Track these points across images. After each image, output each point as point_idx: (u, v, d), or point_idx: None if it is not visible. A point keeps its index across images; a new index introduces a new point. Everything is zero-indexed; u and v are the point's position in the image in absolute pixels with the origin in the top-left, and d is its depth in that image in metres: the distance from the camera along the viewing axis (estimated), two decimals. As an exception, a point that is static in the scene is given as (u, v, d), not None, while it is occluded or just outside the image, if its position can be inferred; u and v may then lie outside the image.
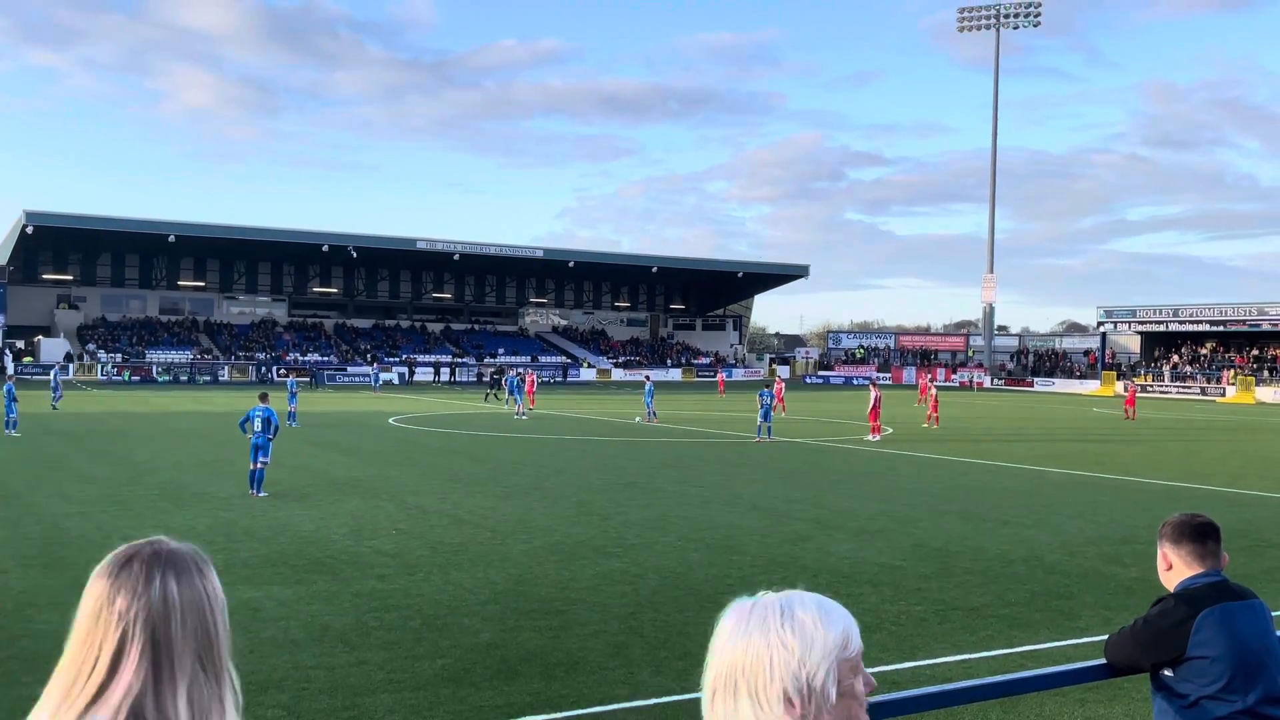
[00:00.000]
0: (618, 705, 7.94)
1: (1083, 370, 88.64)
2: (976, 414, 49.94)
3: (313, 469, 22.75)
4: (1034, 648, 9.78)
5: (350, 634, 9.74)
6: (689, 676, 8.63)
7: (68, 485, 19.49)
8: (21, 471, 21.43)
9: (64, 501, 17.54)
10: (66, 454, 25.04)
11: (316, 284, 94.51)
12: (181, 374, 75.03)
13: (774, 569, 13.01)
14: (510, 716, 7.66)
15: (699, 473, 23.41)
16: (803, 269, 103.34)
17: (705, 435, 34.39)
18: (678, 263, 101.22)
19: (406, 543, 14.32)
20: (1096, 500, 20.04)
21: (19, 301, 79.93)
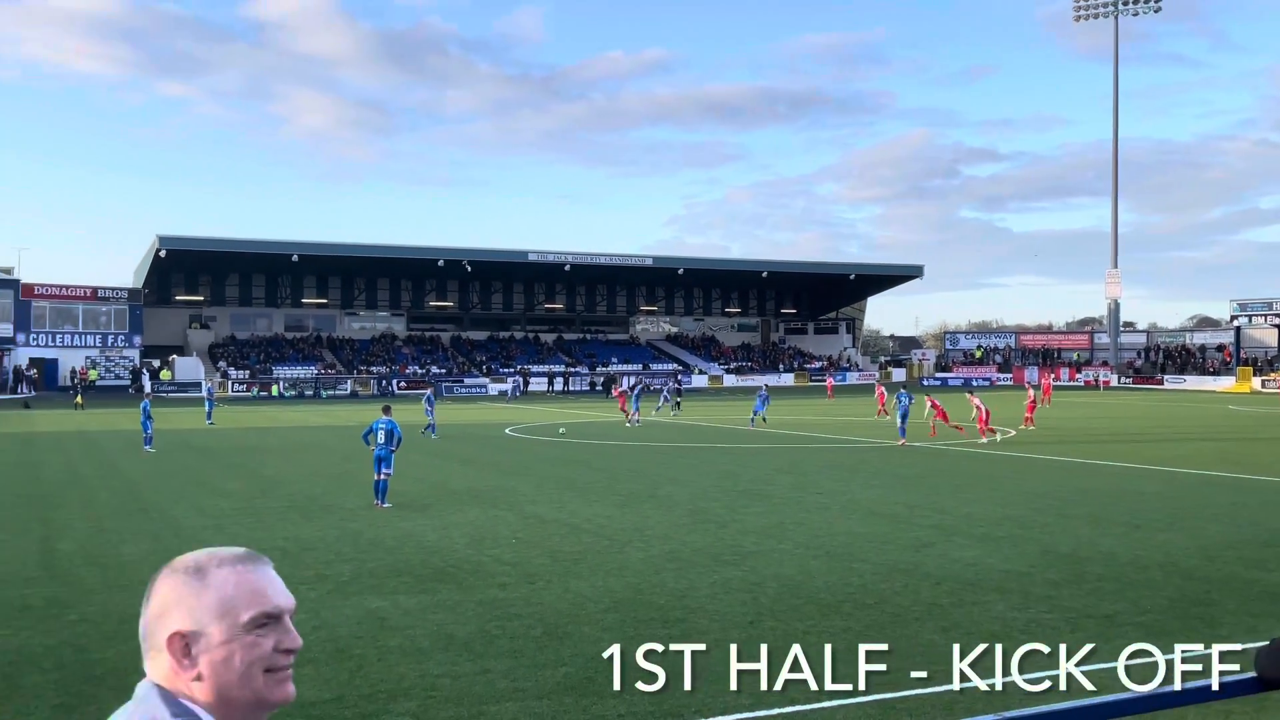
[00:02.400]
0: (742, 714, 7.90)
1: (1216, 366, 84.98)
2: (1102, 414, 48.32)
3: (433, 480, 23.23)
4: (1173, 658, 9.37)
5: (474, 642, 9.90)
6: (812, 686, 8.54)
7: (203, 499, 20.28)
8: (160, 486, 22.39)
9: (200, 514, 18.26)
10: (201, 468, 26.07)
11: (433, 298, 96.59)
12: (306, 389, 77.47)
13: (895, 576, 12.78)
14: (633, 726, 7.67)
15: (815, 478, 23.17)
16: (917, 269, 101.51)
17: (819, 440, 34.02)
18: (788, 266, 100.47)
19: (526, 552, 14.50)
20: (1236, 502, 19.17)
21: (154, 322, 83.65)
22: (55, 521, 17.47)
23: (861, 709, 8.03)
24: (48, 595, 11.91)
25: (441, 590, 12.12)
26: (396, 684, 8.62)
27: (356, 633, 10.24)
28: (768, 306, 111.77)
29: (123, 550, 14.76)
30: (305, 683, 8.63)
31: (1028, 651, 10.10)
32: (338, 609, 11.20)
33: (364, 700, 8.22)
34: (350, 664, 9.20)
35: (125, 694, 7.28)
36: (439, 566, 13.50)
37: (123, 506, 19.26)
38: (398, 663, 9.24)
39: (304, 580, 12.62)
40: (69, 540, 15.63)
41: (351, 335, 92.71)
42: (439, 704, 8.15)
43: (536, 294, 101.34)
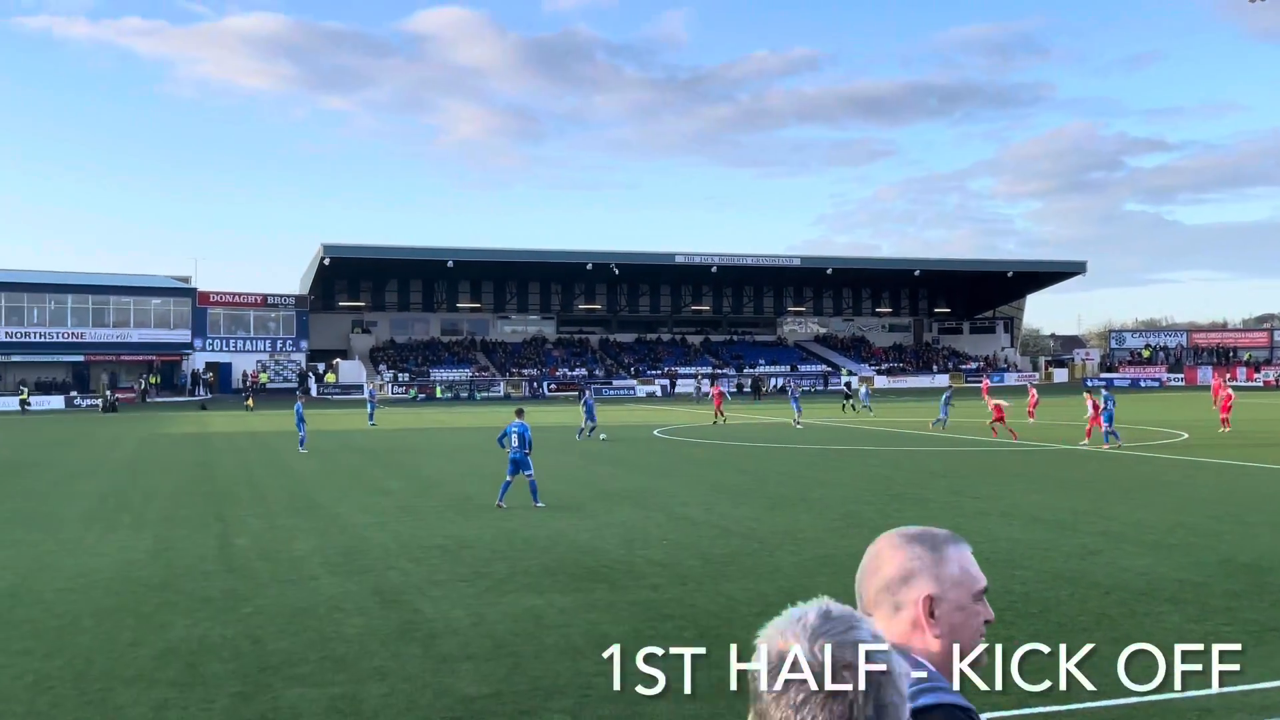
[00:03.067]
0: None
1: None
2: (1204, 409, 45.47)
3: (584, 480, 23.54)
4: (1372, 677, 8.74)
5: (629, 643, 9.94)
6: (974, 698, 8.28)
7: (366, 497, 21.05)
8: (326, 484, 23.35)
9: (363, 512, 18.96)
10: (364, 468, 27.08)
11: (582, 301, 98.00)
12: (461, 391, 79.65)
13: (1060, 584, 12.29)
14: (789, 731, 7.59)
15: (972, 483, 22.52)
16: (1079, 265, 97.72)
17: (976, 443, 33.04)
18: (942, 264, 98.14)
19: (677, 553, 14.53)
20: None
21: (319, 328, 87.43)
22: (231, 518, 18.42)
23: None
24: (225, 588, 12.55)
25: (595, 590, 12.25)
26: (553, 681, 8.76)
27: (514, 630, 10.45)
28: (920, 306, 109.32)
29: (294, 546, 15.44)
30: (465, 678, 8.86)
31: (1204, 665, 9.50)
32: (496, 606, 11.45)
33: (522, 696, 8.37)
34: (508, 661, 9.38)
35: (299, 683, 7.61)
36: (592, 566, 13.65)
37: (292, 504, 20.16)
38: (554, 660, 9.38)
39: (463, 578, 12.95)
40: (244, 535, 16.45)
41: (503, 338, 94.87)
42: (594, 702, 8.23)
43: (683, 296, 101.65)
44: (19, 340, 75.36)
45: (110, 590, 12.48)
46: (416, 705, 8.15)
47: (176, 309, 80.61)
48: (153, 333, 79.45)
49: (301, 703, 8.20)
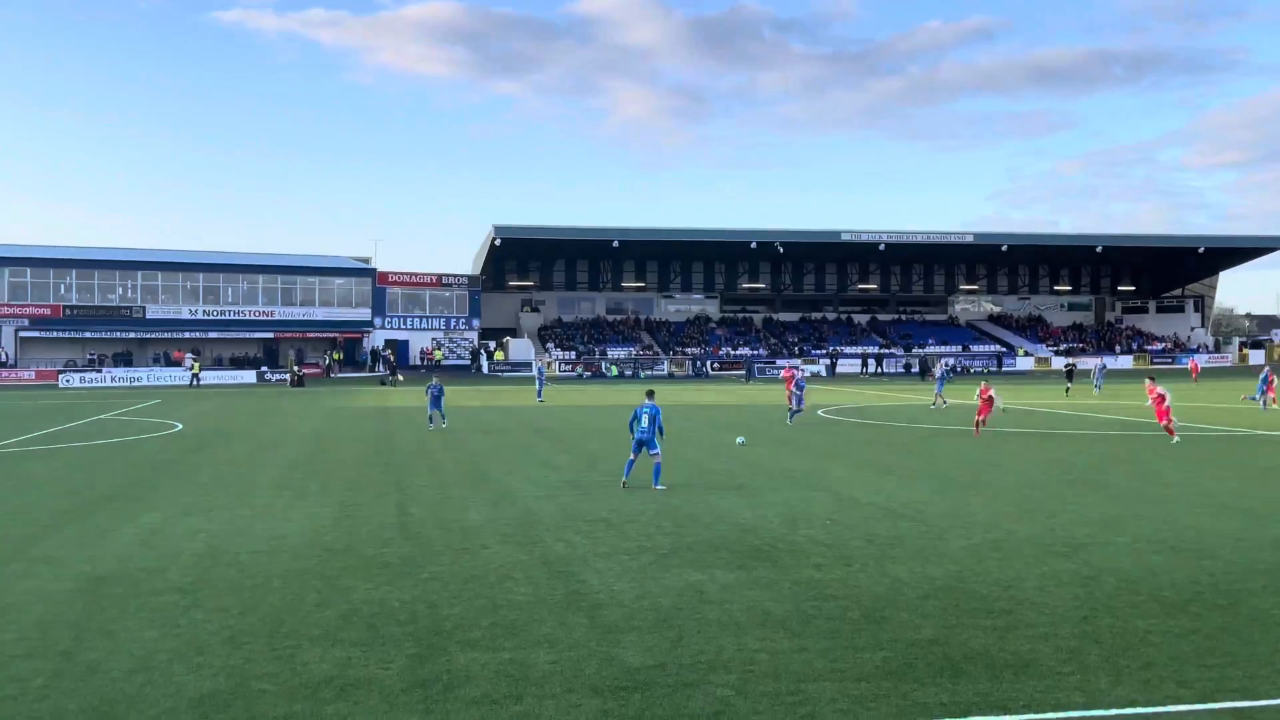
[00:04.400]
0: (1074, 713, 7.46)
1: None
2: None
3: (747, 459, 23.51)
4: None
5: (790, 621, 9.94)
6: (1155, 688, 7.94)
7: (534, 471, 21.60)
8: (497, 458, 24.06)
9: (532, 485, 19.46)
10: (533, 444, 27.76)
11: (745, 280, 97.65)
12: (626, 369, 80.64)
13: (1253, 576, 11.61)
14: (956, 716, 7.44)
15: (1158, 468, 21.45)
16: (1276, 240, 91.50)
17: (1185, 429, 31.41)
18: (1126, 240, 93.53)
19: (841, 534, 14.39)
20: None
21: (490, 307, 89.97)
22: (408, 488, 19.20)
23: (1214, 716, 7.37)
24: (403, 554, 13.11)
25: (757, 568, 12.25)
26: (716, 655, 8.82)
27: (677, 604, 10.56)
28: (1102, 284, 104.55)
29: (467, 516, 15.99)
30: (630, 649, 9.01)
31: None
32: (659, 580, 11.59)
33: (685, 669, 8.46)
34: (672, 634, 9.50)
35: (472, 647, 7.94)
36: (754, 544, 13.65)
37: (465, 476, 20.87)
38: (716, 635, 9.44)
39: (627, 551, 13.16)
40: (420, 505, 17.13)
41: (667, 317, 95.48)
42: (757, 678, 8.25)
43: (849, 274, 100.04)
44: (216, 318, 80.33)
45: (298, 554, 13.21)
46: (582, 673, 8.35)
47: (358, 288, 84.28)
48: (336, 311, 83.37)
49: (473, 666, 8.51)
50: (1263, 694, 7.82)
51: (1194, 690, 7.92)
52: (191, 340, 79.97)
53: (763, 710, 7.54)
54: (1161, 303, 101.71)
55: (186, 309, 79.82)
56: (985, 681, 8.16)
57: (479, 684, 8.09)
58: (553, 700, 7.74)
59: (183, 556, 13.11)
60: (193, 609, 10.50)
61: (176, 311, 79.51)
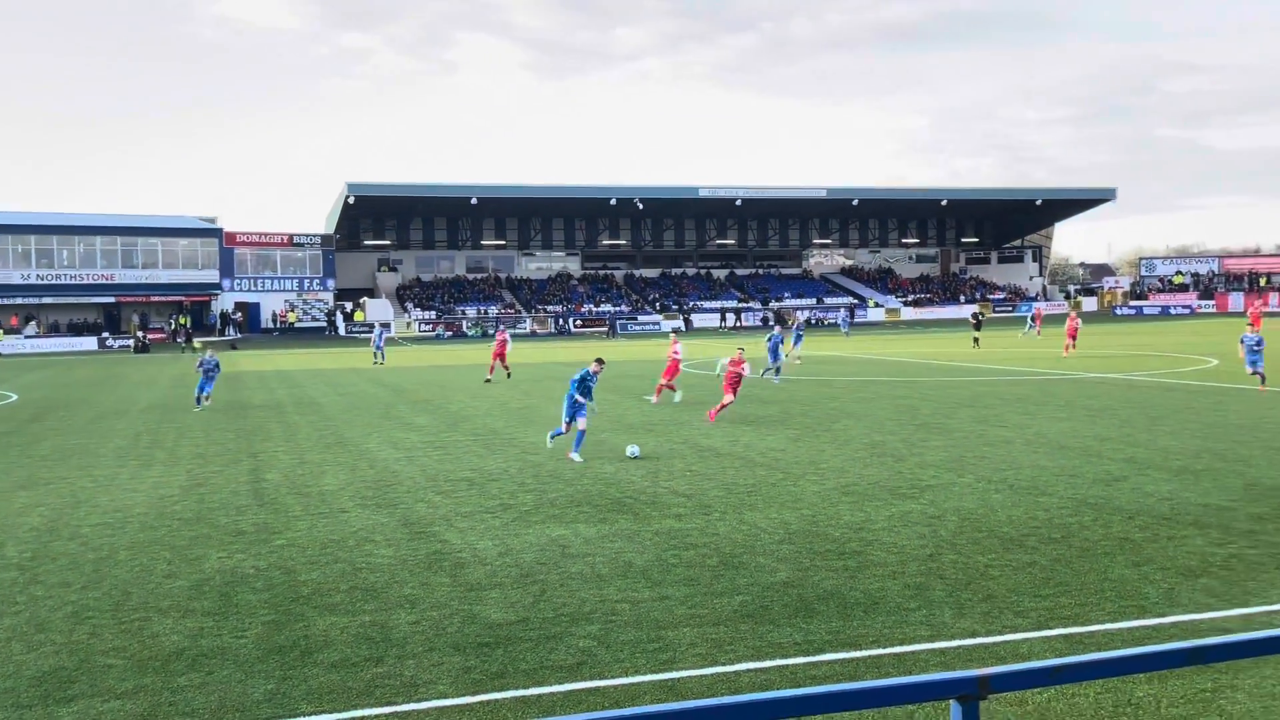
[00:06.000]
0: (919, 646, 7.82)
1: None
2: None
3: (611, 414, 23.66)
4: (1395, 597, 8.75)
5: (652, 570, 10.11)
6: (994, 619, 8.37)
7: (395, 433, 21.29)
8: (355, 421, 23.61)
9: (392, 447, 19.18)
10: (392, 404, 27.33)
11: (606, 237, 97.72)
12: (489, 328, 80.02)
13: (1084, 510, 12.33)
14: (809, 654, 7.71)
15: (999, 412, 22.48)
16: (1108, 192, 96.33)
17: (1005, 373, 32.91)
18: (969, 193, 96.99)
19: (700, 484, 14.66)
20: None
21: (346, 267, 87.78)
22: (262, 454, 18.69)
23: (1047, 643, 7.82)
24: (258, 522, 12.79)
25: (620, 520, 12.40)
26: (578, 608, 8.91)
27: (540, 559, 10.61)
28: (947, 236, 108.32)
29: (323, 481, 15.68)
30: (493, 606, 9.03)
31: (1228, 586, 9.64)
32: (522, 536, 11.62)
33: (548, 623, 8.52)
34: (535, 589, 9.55)
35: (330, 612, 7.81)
36: (616, 498, 13.80)
37: (321, 440, 20.42)
38: (579, 588, 9.53)
39: (490, 510, 13.13)
40: (275, 471, 16.71)
41: (529, 275, 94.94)
42: (619, 627, 8.38)
43: (708, 230, 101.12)
44: (50, 283, 76.12)
45: (145, 525, 12.75)
46: (445, 632, 8.33)
47: (204, 250, 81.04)
48: (181, 273, 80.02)
49: (332, 631, 8.39)
50: (1092, 620, 8.33)
51: (1030, 619, 8.39)
52: (25, 306, 75.70)
53: (624, 659, 7.67)
54: (1002, 253, 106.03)
55: (18, 273, 75.41)
56: (837, 620, 8.47)
57: (338, 648, 7.99)
58: (414, 660, 7.71)
59: (20, 531, 12.51)
60: (32, 585, 10.05)
61: (7, 276, 75.05)
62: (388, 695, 7.07)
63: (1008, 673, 2.73)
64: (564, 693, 7.07)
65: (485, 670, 7.49)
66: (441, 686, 7.20)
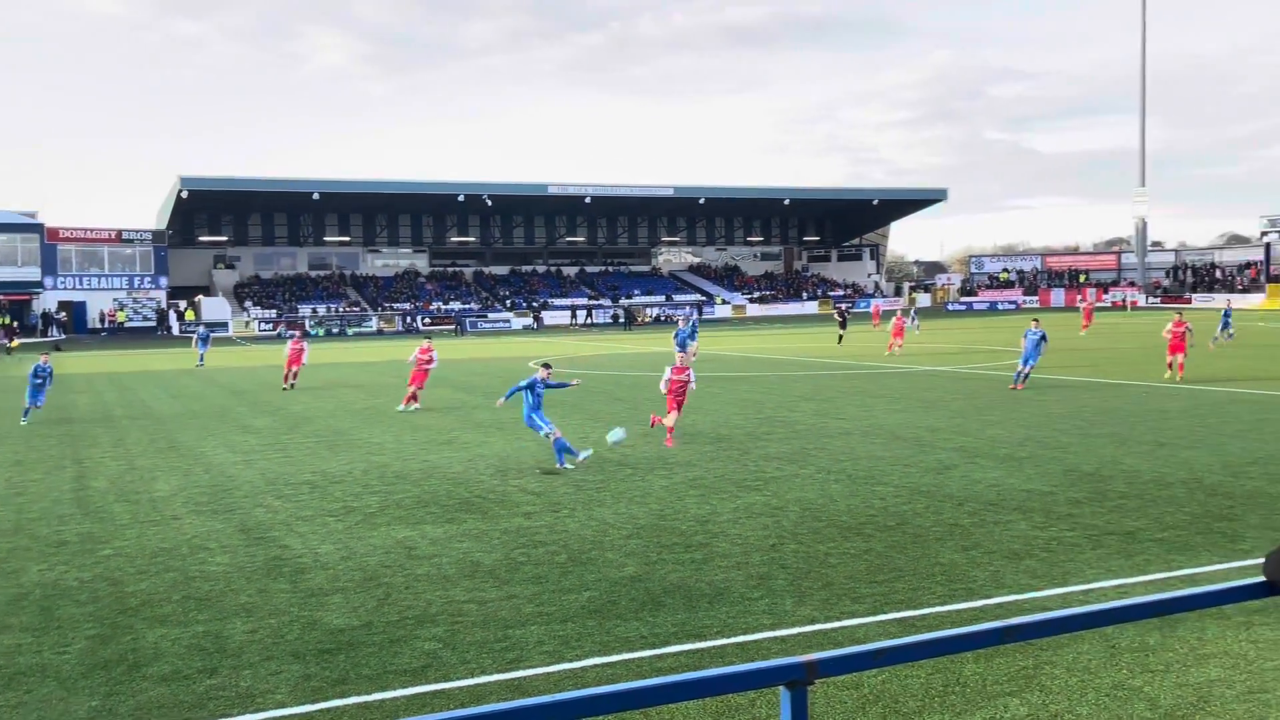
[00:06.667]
0: (762, 634, 8.00)
1: (1245, 284, 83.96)
2: (1129, 334, 47.92)
3: (460, 412, 23.41)
4: (1194, 571, 9.42)
5: (500, 569, 10.05)
6: (833, 606, 8.63)
7: (231, 435, 20.54)
8: (189, 424, 22.67)
9: (228, 450, 18.50)
10: (229, 407, 26.36)
11: (454, 234, 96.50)
12: (332, 326, 77.96)
13: (917, 498, 12.84)
14: (655, 646, 7.79)
15: (838, 404, 23.18)
16: (940, 192, 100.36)
17: (845, 367, 33.95)
18: (810, 193, 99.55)
19: (550, 481, 14.64)
20: (1261, 418, 19.07)
21: (180, 264, 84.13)
22: (88, 460, 17.76)
23: (882, 626, 8.11)
24: (82, 531, 12.15)
25: (468, 520, 12.28)
26: (424, 610, 8.78)
27: (385, 562, 10.41)
28: (790, 234, 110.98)
29: (154, 487, 15.01)
30: (334, 611, 8.81)
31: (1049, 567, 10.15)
32: (366, 539, 11.37)
33: (392, 626, 8.37)
34: (379, 592, 9.36)
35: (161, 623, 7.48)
36: (465, 497, 13.66)
37: (152, 445, 19.54)
38: (425, 590, 9.39)
39: (332, 513, 12.81)
40: (101, 478, 15.90)
41: (375, 272, 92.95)
42: (465, 628, 8.30)
43: (558, 227, 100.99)
44: None
45: (-44, 538, 11.95)
46: (283, 639, 8.09)
47: (24, 246, 76.42)
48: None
49: (163, 643, 8.04)
50: (923, 603, 8.68)
51: (866, 605, 8.68)
52: None
53: (470, 660, 7.60)
54: (842, 251, 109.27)
55: None
56: (683, 612, 8.59)
57: (169, 660, 7.67)
58: (250, 670, 7.46)
59: None
60: None
61: None
62: (222, 707, 6.82)
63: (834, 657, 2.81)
64: (408, 696, 6.96)
65: (326, 677, 7.30)
66: (279, 696, 6.99)
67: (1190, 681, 6.83)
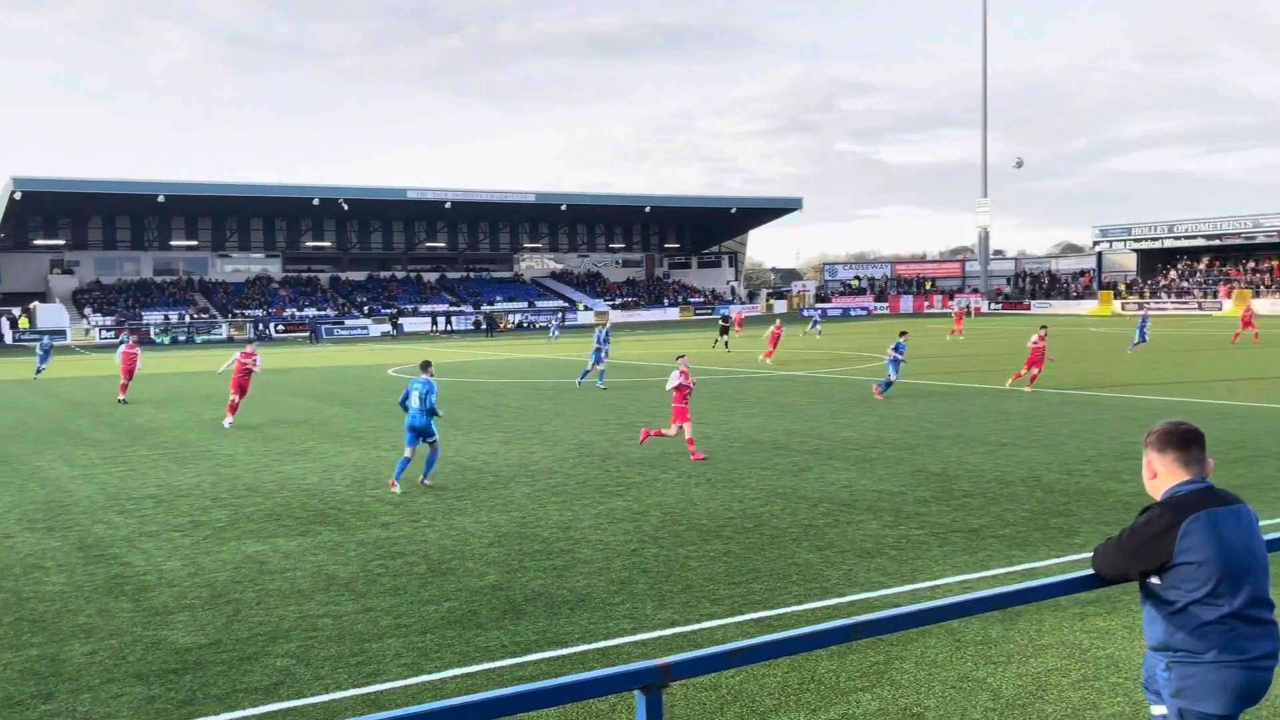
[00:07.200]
0: (623, 639, 8.04)
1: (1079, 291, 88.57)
2: (974, 339, 49.97)
3: (315, 422, 22.83)
4: (1033, 565, 9.88)
5: (356, 582, 9.84)
6: (692, 608, 8.74)
7: (70, 449, 19.55)
8: (23, 437, 21.49)
9: (67, 464, 17.61)
10: (67, 419, 25.09)
11: (309, 238, 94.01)
12: (179, 334, 75.02)
13: (774, 500, 13.11)
14: (516, 655, 7.75)
15: (699, 409, 23.45)
16: (796, 202, 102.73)
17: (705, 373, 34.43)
18: (670, 201, 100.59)
19: (409, 490, 14.40)
20: (1094, 419, 20.14)
21: (12, 268, 79.70)
22: (-92, 478, 16.65)
23: (740, 627, 8.25)
24: (-98, 554, 11.38)
25: (323, 532, 11.98)
26: (276, 626, 8.53)
27: (234, 577, 10.07)
28: (651, 241, 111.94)
29: (-17, 505, 14.16)
30: (180, 629, 8.49)
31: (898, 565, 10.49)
32: (214, 555, 10.98)
33: (242, 644, 8.11)
34: (228, 609, 9.05)
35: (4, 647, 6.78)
36: (320, 509, 13.33)
37: (-18, 460, 18.44)
38: (277, 605, 9.13)
39: (178, 527, 12.33)
40: (-76, 497, 14.93)
41: (225, 278, 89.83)
42: (320, 643, 8.09)
43: (417, 232, 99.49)
44: None
45: None
46: (125, 661, 7.74)
47: None
48: None
49: (-7, 669, 7.60)
50: (780, 603, 8.87)
51: (724, 606, 8.82)
52: None
53: (325, 675, 7.42)
54: (702, 259, 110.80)
55: None
56: (544, 619, 8.57)
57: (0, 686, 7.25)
58: (89, 694, 7.11)
59: None
60: None
61: None
62: (58, 735, 6.48)
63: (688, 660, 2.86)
64: (259, 715, 6.75)
65: (171, 698, 7.02)
66: (121, 719, 6.69)
67: (1030, 671, 7.16)
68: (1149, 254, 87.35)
